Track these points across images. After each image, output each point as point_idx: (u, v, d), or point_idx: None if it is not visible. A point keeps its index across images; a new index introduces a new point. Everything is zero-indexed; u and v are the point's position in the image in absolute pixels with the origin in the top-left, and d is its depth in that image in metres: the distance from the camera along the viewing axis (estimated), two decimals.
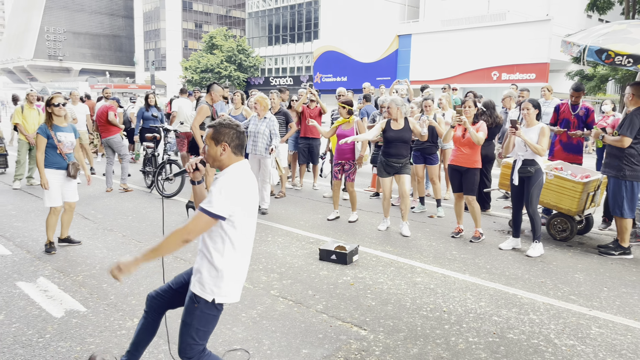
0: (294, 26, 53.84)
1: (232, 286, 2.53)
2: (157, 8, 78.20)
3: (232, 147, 2.52)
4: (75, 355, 3.27)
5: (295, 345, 3.45)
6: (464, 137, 6.02)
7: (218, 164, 2.55)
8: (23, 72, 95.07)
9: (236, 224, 2.46)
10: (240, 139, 2.55)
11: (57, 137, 5.23)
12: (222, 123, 2.53)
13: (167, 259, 5.22)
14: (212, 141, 2.51)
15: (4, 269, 4.87)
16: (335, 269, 5.00)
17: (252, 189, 2.54)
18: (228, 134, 2.51)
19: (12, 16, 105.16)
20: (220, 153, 2.51)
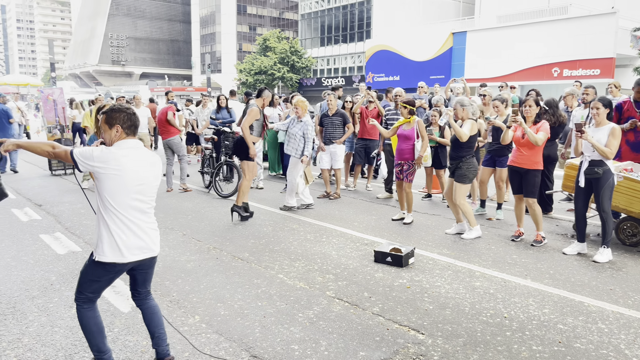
0: (346, 26, 53.82)
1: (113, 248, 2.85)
2: (213, 12, 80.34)
3: (125, 128, 2.86)
4: (141, 350, 3.41)
5: (352, 348, 3.45)
6: (524, 138, 5.81)
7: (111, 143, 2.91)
8: (89, 77, 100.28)
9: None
10: (131, 121, 2.88)
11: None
12: (113, 108, 2.89)
13: (226, 257, 5.36)
14: (106, 124, 2.86)
15: (75, 264, 5.15)
16: (390, 272, 4.96)
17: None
18: (120, 117, 2.85)
19: (78, 24, 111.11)
20: (115, 134, 2.86)
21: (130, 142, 2.87)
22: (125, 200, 2.81)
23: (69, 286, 4.55)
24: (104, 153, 2.75)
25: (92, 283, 2.93)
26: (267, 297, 4.33)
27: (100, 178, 2.76)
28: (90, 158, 2.73)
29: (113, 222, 2.81)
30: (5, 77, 38.63)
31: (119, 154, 2.78)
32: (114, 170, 2.74)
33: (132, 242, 2.85)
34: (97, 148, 2.77)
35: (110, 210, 2.80)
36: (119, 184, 2.77)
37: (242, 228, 6.60)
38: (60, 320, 3.86)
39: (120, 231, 2.82)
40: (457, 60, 37.40)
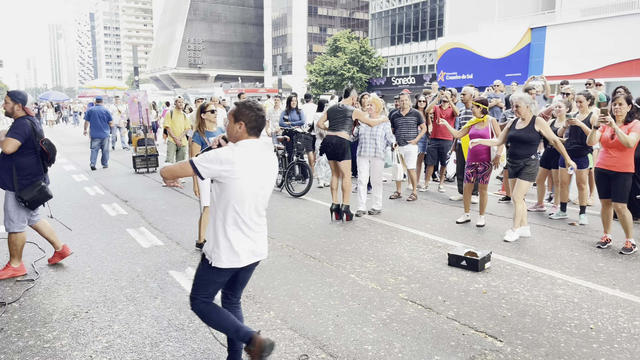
0: (418, 25, 52.97)
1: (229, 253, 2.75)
2: (285, 15, 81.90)
3: (248, 127, 2.74)
4: (220, 342, 3.55)
5: (426, 351, 3.41)
6: (613, 139, 5.45)
7: (234, 140, 2.77)
8: (168, 79, 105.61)
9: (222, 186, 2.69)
10: (256, 120, 2.75)
11: (209, 144, 5.63)
12: (243, 104, 2.76)
13: (298, 255, 5.46)
14: (233, 118, 2.75)
15: (157, 257, 5.45)
16: (465, 276, 4.84)
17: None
18: (246, 113, 2.73)
19: (159, 30, 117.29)
20: (237, 130, 2.74)
21: (253, 143, 2.76)
22: (248, 203, 2.71)
23: (153, 278, 4.82)
24: (230, 155, 2.62)
25: (207, 287, 2.85)
26: (339, 296, 4.36)
27: (226, 181, 2.63)
28: (217, 161, 2.59)
29: (231, 226, 2.71)
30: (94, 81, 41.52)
31: (244, 154, 2.66)
32: (240, 172, 2.63)
33: (246, 245, 2.78)
34: (223, 150, 2.63)
35: (230, 214, 2.70)
36: (244, 187, 2.66)
37: (313, 227, 6.69)
38: (147, 310, 4.10)
39: (237, 236, 2.73)
40: (536, 57, 35.73)
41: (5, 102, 4.69)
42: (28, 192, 4.74)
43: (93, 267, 5.15)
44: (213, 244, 2.75)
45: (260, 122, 2.76)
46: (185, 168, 2.65)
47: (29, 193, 4.74)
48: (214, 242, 2.75)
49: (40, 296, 4.39)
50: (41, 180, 4.85)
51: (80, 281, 4.74)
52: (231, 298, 3.06)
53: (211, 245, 2.76)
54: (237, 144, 2.73)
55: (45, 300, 4.29)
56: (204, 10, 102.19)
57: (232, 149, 2.66)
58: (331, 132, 6.98)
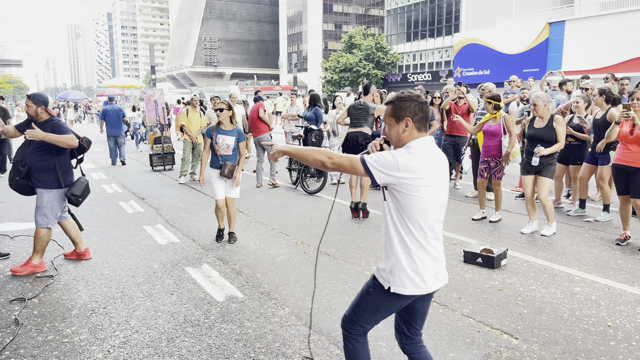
0: (434, 20, 52.54)
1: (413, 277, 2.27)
2: (300, 12, 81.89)
3: (415, 122, 2.27)
4: (235, 338, 3.58)
5: (441, 348, 3.39)
6: (632, 134, 5.36)
7: (400, 143, 2.31)
8: (184, 78, 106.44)
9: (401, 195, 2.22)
10: (424, 111, 2.28)
11: (215, 139, 5.73)
12: (400, 97, 2.30)
13: (313, 252, 5.47)
14: (393, 118, 2.30)
15: (174, 254, 5.51)
16: (481, 273, 4.80)
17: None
18: (409, 107, 2.27)
19: (175, 28, 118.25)
20: (403, 130, 2.28)
21: (427, 141, 2.28)
22: (431, 216, 2.25)
23: (169, 274, 4.88)
24: (410, 161, 2.17)
25: (375, 314, 2.40)
26: (354, 293, 4.36)
27: (407, 190, 2.18)
28: (395, 167, 2.14)
29: (415, 245, 2.25)
30: (112, 80, 42.07)
31: (424, 158, 2.21)
32: (422, 180, 2.18)
33: (432, 268, 2.30)
34: (401, 155, 2.18)
35: (413, 230, 2.23)
36: (429, 197, 2.21)
37: (328, 224, 6.70)
38: (163, 305, 4.15)
39: (422, 255, 2.26)
40: (554, 52, 35.19)
41: (28, 105, 4.73)
42: (78, 189, 4.94)
43: (111, 263, 5.23)
44: (392, 265, 2.28)
45: (426, 111, 2.28)
46: (356, 166, 2.22)
47: (80, 189, 4.94)
48: (393, 263, 2.28)
49: (59, 292, 4.48)
50: (83, 176, 5.10)
51: (98, 277, 4.82)
52: (410, 334, 2.52)
53: (389, 266, 2.30)
54: (410, 146, 2.25)
55: (64, 296, 4.37)
56: (220, 9, 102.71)
57: (411, 153, 2.20)
58: (353, 128, 7.01)
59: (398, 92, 2.34)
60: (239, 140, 5.81)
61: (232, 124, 5.80)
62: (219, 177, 5.79)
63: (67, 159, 4.98)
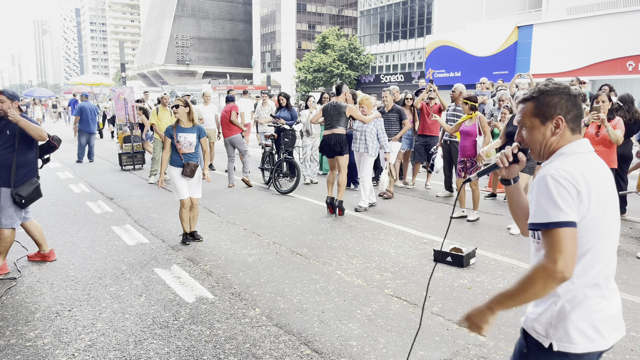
0: (406, 22, 53.06)
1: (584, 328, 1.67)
2: (274, 11, 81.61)
3: (569, 121, 1.73)
4: (205, 339, 3.54)
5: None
6: (598, 135, 5.53)
7: (548, 150, 1.77)
8: (155, 76, 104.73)
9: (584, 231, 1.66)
10: (577, 106, 1.75)
11: (177, 138, 5.66)
12: (544, 90, 1.75)
13: (285, 252, 5.46)
14: (537, 118, 1.76)
15: (143, 255, 5.42)
16: (451, 272, 4.87)
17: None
18: (559, 102, 1.73)
19: (146, 26, 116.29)
20: (552, 133, 1.75)
21: (585, 145, 1.73)
22: (608, 247, 1.70)
23: (138, 275, 4.79)
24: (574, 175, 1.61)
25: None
26: (325, 292, 4.36)
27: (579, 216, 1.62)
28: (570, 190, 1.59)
29: (588, 287, 1.67)
30: (80, 77, 41.05)
31: (588, 169, 1.65)
32: (592, 200, 1.62)
33: (607, 314, 1.69)
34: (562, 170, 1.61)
35: (585, 267, 1.66)
36: (600, 222, 1.65)
37: (300, 224, 6.69)
38: (131, 307, 4.07)
39: (596, 301, 1.68)
40: (523, 55, 35.97)
41: (2, 101, 4.59)
42: (25, 190, 4.73)
43: (77, 265, 5.11)
44: (554, 317, 1.68)
45: (580, 107, 1.76)
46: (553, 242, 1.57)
47: (26, 190, 4.73)
48: (555, 314, 1.68)
49: (23, 294, 4.35)
50: (37, 178, 4.87)
51: (63, 279, 4.70)
52: None
53: (549, 315, 1.69)
54: (563, 154, 1.71)
55: (27, 299, 4.25)
56: (192, 7, 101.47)
57: (572, 164, 1.64)
58: (328, 130, 7.08)
59: (540, 85, 1.78)
60: (199, 136, 5.77)
61: (191, 122, 5.73)
62: (181, 176, 5.71)
63: (34, 157, 4.84)
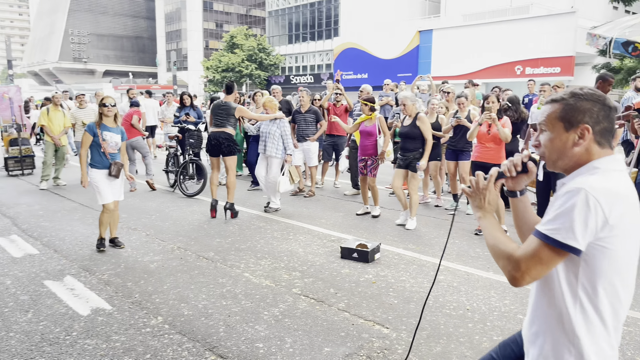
0: (314, 24, 53.80)
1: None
2: (179, 9, 79.01)
3: (596, 133, 1.52)
4: (101, 353, 3.32)
5: (317, 344, 3.45)
6: (489, 133, 5.96)
7: (566, 162, 1.57)
8: (49, 74, 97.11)
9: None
10: (610, 119, 1.54)
11: (102, 136, 5.31)
12: (577, 93, 1.55)
13: (191, 257, 5.28)
14: (561, 123, 1.56)
15: (31, 267, 4.98)
16: (357, 267, 4.98)
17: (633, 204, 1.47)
18: (590, 110, 1.52)
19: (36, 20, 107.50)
20: (574, 143, 1.54)
21: (616, 162, 1.52)
22: (628, 280, 1.49)
23: (25, 290, 4.39)
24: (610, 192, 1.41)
25: None
26: (232, 296, 4.28)
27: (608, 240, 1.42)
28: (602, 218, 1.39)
29: (605, 320, 1.47)
30: None
31: (619, 191, 1.43)
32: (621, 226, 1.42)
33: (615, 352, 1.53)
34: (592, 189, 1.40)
35: (604, 299, 1.46)
36: (623, 252, 1.45)
37: (207, 227, 6.51)
38: (16, 325, 3.72)
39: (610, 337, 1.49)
40: (424, 58, 37.86)
41: None
42: None
43: None
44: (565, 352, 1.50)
45: (613, 121, 1.54)
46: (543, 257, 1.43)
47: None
48: (566, 349, 1.49)
49: None
50: None
51: None
52: None
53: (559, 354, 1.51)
54: (596, 167, 1.50)
55: None
56: (88, 1, 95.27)
57: (604, 181, 1.43)
58: (215, 128, 6.93)
59: (573, 88, 1.59)
60: (122, 139, 5.54)
61: (115, 122, 5.50)
62: (106, 178, 5.38)
63: None
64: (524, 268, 1.44)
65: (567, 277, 1.48)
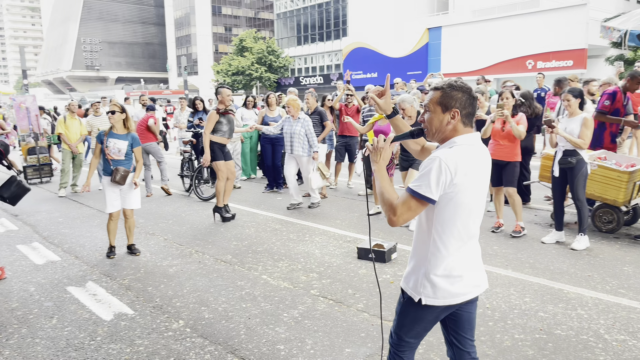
0: (322, 25, 53.84)
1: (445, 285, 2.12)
2: (188, 14, 79.59)
3: (463, 116, 2.08)
4: (125, 357, 3.37)
5: (338, 345, 3.47)
6: (503, 130, 5.88)
7: (441, 135, 2.13)
8: (62, 83, 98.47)
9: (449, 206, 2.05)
10: (473, 106, 2.11)
11: (106, 143, 5.39)
12: (452, 84, 2.10)
13: (209, 261, 5.33)
14: (439, 106, 2.09)
15: (54, 274, 5.07)
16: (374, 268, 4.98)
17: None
18: (460, 98, 2.07)
19: (49, 29, 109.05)
20: (447, 122, 2.09)
21: (475, 137, 2.12)
22: (471, 220, 2.09)
23: (48, 296, 4.47)
24: (455, 159, 1.99)
25: (414, 326, 2.24)
26: (251, 298, 4.31)
27: (454, 196, 2.01)
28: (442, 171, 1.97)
29: (450, 252, 2.09)
30: None
31: (468, 155, 2.04)
32: (467, 181, 2.01)
33: (469, 275, 2.15)
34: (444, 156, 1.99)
35: (451, 236, 2.07)
36: (470, 200, 2.05)
37: (224, 230, 6.56)
38: (41, 331, 3.79)
39: (458, 264, 2.11)
40: (434, 55, 37.72)
41: None
42: (6, 189, 4.33)
43: None
44: (422, 275, 2.13)
45: (475, 106, 2.12)
46: (411, 205, 2.02)
47: (8, 189, 4.34)
48: (422, 272, 2.13)
49: None
50: (15, 176, 4.62)
51: None
52: (462, 346, 2.39)
53: (420, 275, 2.14)
54: (454, 142, 2.07)
55: None
56: (99, 10, 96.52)
57: (454, 149, 2.03)
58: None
59: (451, 80, 2.14)
60: (132, 145, 5.51)
61: (126, 129, 5.50)
62: (110, 185, 5.43)
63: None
64: (398, 213, 2.02)
65: (427, 220, 2.11)
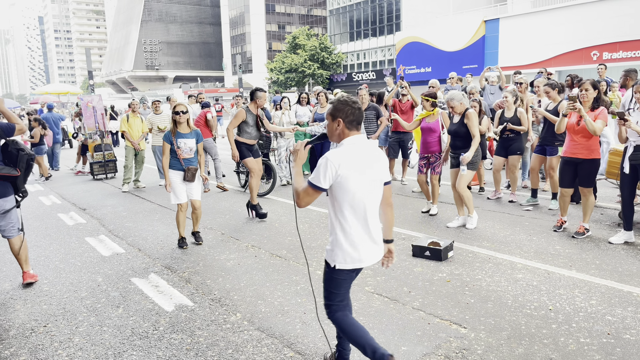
0: (375, 20, 53.38)
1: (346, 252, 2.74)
2: (242, 13, 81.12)
3: (347, 123, 2.71)
4: (186, 347, 3.49)
5: (393, 342, 3.44)
6: (578, 125, 5.40)
7: (335, 139, 2.78)
8: (125, 82, 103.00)
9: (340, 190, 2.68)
10: (356, 115, 2.71)
11: (177, 144, 5.64)
12: (339, 99, 2.74)
13: (264, 255, 5.42)
14: (330, 116, 2.77)
15: (119, 265, 5.32)
16: (429, 266, 4.91)
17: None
18: (343, 110, 2.71)
19: (113, 31, 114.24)
20: (336, 128, 2.74)
21: (357, 139, 2.71)
22: (356, 201, 2.67)
23: (114, 287, 4.69)
24: (338, 156, 2.62)
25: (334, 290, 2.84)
26: (306, 293, 4.35)
27: (341, 183, 2.63)
28: (333, 168, 2.60)
29: (348, 225, 2.70)
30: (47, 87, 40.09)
31: (349, 152, 2.66)
32: (349, 172, 2.61)
33: (366, 245, 2.74)
34: (331, 154, 2.62)
35: (346, 213, 2.69)
36: (353, 185, 2.64)
37: (278, 226, 6.66)
38: (109, 319, 3.99)
39: (355, 236, 2.72)
40: (490, 48, 36.54)
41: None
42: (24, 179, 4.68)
43: (51, 279, 4.98)
44: (333, 245, 2.76)
45: (358, 115, 2.71)
46: (309, 192, 2.67)
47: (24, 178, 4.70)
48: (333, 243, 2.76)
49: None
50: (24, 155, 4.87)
51: (37, 295, 4.58)
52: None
53: (332, 246, 2.77)
54: (342, 143, 2.71)
55: (0, 317, 4.12)
56: (159, 11, 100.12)
57: (342, 153, 2.64)
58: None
59: (342, 96, 2.79)
60: (197, 141, 5.85)
61: (189, 127, 5.82)
62: (181, 181, 5.76)
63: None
64: (301, 197, 2.68)
65: (331, 203, 2.76)
